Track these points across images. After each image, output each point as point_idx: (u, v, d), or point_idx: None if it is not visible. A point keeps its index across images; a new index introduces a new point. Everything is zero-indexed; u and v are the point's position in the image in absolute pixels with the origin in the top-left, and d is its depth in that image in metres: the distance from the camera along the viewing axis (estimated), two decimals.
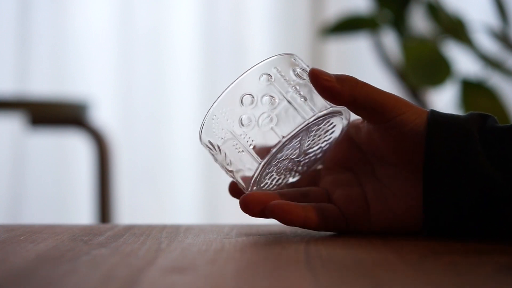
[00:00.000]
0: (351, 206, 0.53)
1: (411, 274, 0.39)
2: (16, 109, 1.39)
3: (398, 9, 1.34)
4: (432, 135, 0.49)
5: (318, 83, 0.51)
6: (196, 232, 0.54)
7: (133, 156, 1.85)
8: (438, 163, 0.49)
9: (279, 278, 0.38)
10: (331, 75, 0.51)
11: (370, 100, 0.51)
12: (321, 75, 0.51)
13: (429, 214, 0.50)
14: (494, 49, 1.34)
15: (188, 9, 1.88)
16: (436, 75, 1.23)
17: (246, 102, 0.51)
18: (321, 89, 0.51)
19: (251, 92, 0.51)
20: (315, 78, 0.51)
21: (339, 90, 0.50)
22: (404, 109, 0.51)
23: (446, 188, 0.49)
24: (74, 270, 0.40)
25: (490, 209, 0.48)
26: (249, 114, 0.51)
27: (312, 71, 0.51)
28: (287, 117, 0.50)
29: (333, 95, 0.51)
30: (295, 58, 0.53)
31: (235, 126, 0.51)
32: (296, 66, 0.52)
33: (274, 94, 0.51)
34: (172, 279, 0.38)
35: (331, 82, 0.50)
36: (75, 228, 0.56)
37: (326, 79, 0.50)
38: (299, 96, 0.51)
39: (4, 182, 1.82)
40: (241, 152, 0.51)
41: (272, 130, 0.50)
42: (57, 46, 1.85)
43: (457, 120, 0.50)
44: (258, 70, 0.52)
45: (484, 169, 0.48)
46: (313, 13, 1.90)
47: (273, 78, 0.51)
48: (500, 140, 0.49)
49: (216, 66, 1.87)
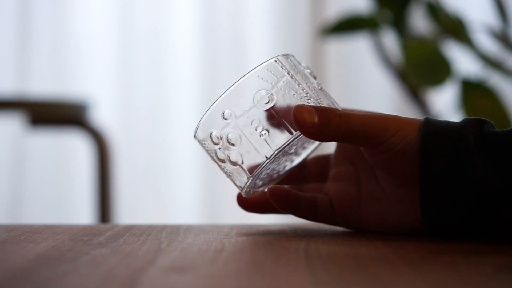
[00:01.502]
0: (342, 204, 0.54)
1: (411, 274, 0.39)
2: (16, 109, 1.39)
3: (398, 9, 1.34)
4: (426, 150, 0.49)
5: (301, 130, 0.49)
6: (196, 232, 0.54)
7: (133, 156, 1.85)
8: (434, 176, 0.49)
9: (279, 278, 0.38)
10: (313, 115, 0.49)
11: (358, 130, 0.49)
12: (302, 122, 0.49)
13: (427, 223, 0.50)
14: (494, 49, 1.34)
15: (188, 9, 1.88)
16: (436, 75, 1.23)
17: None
18: (305, 135, 0.50)
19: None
20: (297, 125, 0.49)
21: (323, 134, 0.49)
22: (394, 130, 0.49)
23: (443, 199, 0.49)
24: (74, 270, 0.40)
25: (487, 214, 0.48)
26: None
27: (294, 117, 0.49)
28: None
29: (318, 138, 0.50)
30: (291, 59, 0.53)
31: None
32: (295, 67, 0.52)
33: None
34: (172, 279, 0.38)
35: (313, 128, 0.49)
36: (75, 228, 0.56)
37: (308, 125, 0.49)
38: None
39: (4, 182, 1.82)
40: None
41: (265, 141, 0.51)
42: (57, 46, 1.85)
43: (452, 129, 0.49)
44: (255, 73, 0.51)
45: (480, 177, 0.47)
46: (313, 13, 1.90)
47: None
48: (497, 146, 0.48)
49: (216, 66, 1.87)
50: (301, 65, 0.53)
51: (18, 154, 1.83)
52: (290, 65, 0.52)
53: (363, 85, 1.86)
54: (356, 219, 0.54)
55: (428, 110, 1.43)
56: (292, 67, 0.51)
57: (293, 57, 0.53)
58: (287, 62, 0.52)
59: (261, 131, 0.50)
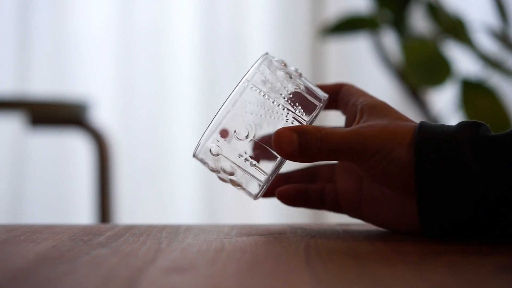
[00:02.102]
0: (345, 198, 0.56)
1: (411, 274, 0.39)
2: (16, 109, 1.39)
3: (398, 9, 1.34)
4: (421, 156, 0.48)
5: (283, 156, 0.50)
6: (196, 232, 0.54)
7: (133, 156, 1.84)
8: (430, 181, 0.48)
9: (279, 278, 0.38)
10: (293, 141, 0.49)
11: (339, 152, 0.50)
12: (283, 149, 0.49)
13: (425, 227, 0.50)
14: (494, 49, 1.34)
15: (188, 9, 1.88)
16: (436, 75, 1.23)
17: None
18: (287, 159, 0.51)
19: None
20: (278, 152, 0.50)
21: (305, 158, 0.50)
22: (374, 150, 0.49)
23: (441, 204, 0.48)
24: (74, 270, 0.40)
25: (485, 217, 0.48)
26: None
27: (274, 145, 0.50)
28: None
29: (300, 161, 0.51)
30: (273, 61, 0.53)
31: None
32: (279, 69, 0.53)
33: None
34: (172, 279, 0.38)
35: (294, 154, 0.49)
36: (75, 228, 0.56)
37: (289, 153, 0.49)
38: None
39: (4, 182, 1.82)
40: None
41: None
42: (57, 46, 1.85)
43: (447, 133, 0.49)
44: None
45: (477, 180, 0.47)
46: (313, 13, 1.90)
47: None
48: (493, 149, 0.47)
49: (216, 66, 1.87)
50: (273, 64, 0.53)
51: (18, 154, 1.83)
52: (262, 80, 0.51)
53: (363, 85, 1.83)
54: (357, 213, 0.56)
55: (428, 110, 1.43)
56: (265, 82, 0.52)
57: (265, 65, 0.52)
58: (260, 77, 0.51)
59: (251, 161, 0.51)
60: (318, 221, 1.77)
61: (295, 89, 0.52)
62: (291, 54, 1.86)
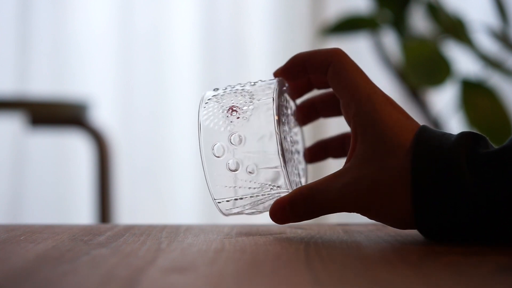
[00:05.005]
0: None
1: (411, 274, 0.39)
2: (16, 109, 1.39)
3: (398, 9, 1.34)
4: (418, 172, 0.47)
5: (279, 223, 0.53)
6: (196, 232, 0.54)
7: (133, 156, 1.84)
8: (427, 195, 0.47)
9: (279, 278, 0.38)
10: (286, 214, 0.51)
11: (327, 211, 0.51)
12: (278, 221, 0.52)
13: (423, 234, 0.50)
14: (494, 49, 1.34)
15: (188, 9, 1.88)
16: (436, 75, 1.23)
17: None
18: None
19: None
20: (275, 221, 0.52)
21: (298, 220, 0.52)
22: (358, 211, 0.49)
23: (438, 216, 0.47)
24: (74, 270, 0.40)
25: (482, 227, 0.47)
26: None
27: (271, 217, 0.52)
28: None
29: (294, 222, 0.52)
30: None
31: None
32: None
33: None
34: (172, 279, 0.38)
35: (288, 221, 0.52)
36: (75, 228, 0.56)
37: (285, 221, 0.52)
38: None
39: (4, 182, 1.82)
40: None
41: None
42: (57, 46, 1.85)
43: (444, 150, 0.47)
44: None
45: (472, 200, 0.46)
46: (313, 13, 1.90)
47: None
48: (490, 165, 0.46)
49: (216, 66, 1.87)
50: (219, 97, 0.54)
51: (18, 154, 1.83)
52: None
53: None
54: None
55: (428, 110, 1.44)
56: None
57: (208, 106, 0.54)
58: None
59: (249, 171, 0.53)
60: (318, 221, 1.77)
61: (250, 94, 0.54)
62: (291, 54, 1.85)
